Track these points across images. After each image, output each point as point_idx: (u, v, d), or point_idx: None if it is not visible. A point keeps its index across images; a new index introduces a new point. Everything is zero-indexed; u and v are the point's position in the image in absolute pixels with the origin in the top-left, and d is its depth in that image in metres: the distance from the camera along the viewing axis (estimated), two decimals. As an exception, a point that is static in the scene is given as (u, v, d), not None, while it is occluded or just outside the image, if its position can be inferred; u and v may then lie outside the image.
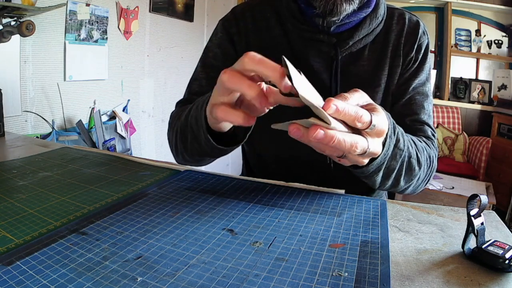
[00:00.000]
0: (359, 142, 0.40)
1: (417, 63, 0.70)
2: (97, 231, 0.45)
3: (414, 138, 0.62)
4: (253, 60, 0.40)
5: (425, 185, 0.68)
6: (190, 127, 0.58)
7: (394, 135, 0.50)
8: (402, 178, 0.58)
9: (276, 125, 0.41)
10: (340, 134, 0.38)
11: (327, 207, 0.54)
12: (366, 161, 0.46)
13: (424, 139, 0.67)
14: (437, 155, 0.68)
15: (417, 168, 0.59)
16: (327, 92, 0.69)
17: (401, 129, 0.54)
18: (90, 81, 1.73)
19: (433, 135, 0.70)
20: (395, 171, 0.55)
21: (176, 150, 0.69)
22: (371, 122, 0.40)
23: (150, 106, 2.22)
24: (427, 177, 0.65)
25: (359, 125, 0.40)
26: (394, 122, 0.52)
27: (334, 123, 0.38)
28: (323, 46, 0.68)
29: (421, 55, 0.70)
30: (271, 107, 0.44)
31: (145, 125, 2.19)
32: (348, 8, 0.61)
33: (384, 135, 0.44)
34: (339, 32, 0.67)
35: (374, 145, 0.43)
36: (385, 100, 0.71)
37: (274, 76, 0.39)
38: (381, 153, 0.47)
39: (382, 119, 0.42)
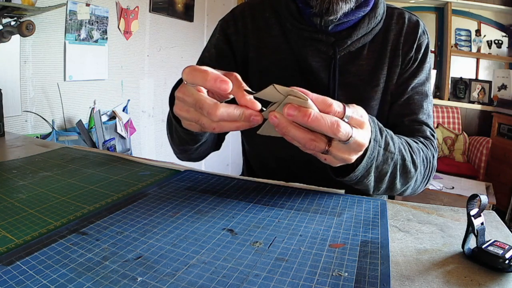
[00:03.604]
0: (341, 123, 0.39)
1: (416, 62, 0.70)
2: (97, 231, 0.45)
3: (409, 139, 0.62)
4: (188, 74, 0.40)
5: (425, 186, 0.67)
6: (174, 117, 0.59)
7: (382, 138, 0.50)
8: (397, 181, 0.57)
9: (261, 130, 0.42)
10: (317, 112, 0.37)
11: (327, 207, 0.54)
12: (353, 157, 0.44)
13: (422, 139, 0.67)
14: (436, 155, 0.68)
15: (413, 170, 0.58)
16: (325, 91, 0.69)
17: (390, 132, 0.54)
18: (90, 81, 1.73)
19: (432, 135, 0.70)
20: (388, 175, 0.54)
21: (170, 143, 0.71)
22: (344, 113, 0.40)
23: (150, 106, 2.22)
24: (426, 178, 0.65)
25: (331, 114, 0.39)
26: (382, 126, 0.51)
27: (310, 102, 0.37)
28: (321, 45, 0.68)
29: (420, 54, 0.70)
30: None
31: (145, 125, 2.19)
32: (345, 7, 0.61)
33: (367, 126, 0.43)
34: (338, 32, 0.68)
35: (359, 134, 0.41)
36: (384, 99, 0.71)
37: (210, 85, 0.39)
38: (366, 156, 0.47)
39: (358, 111, 0.42)
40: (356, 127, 0.41)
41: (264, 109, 0.41)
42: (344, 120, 0.40)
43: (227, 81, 0.38)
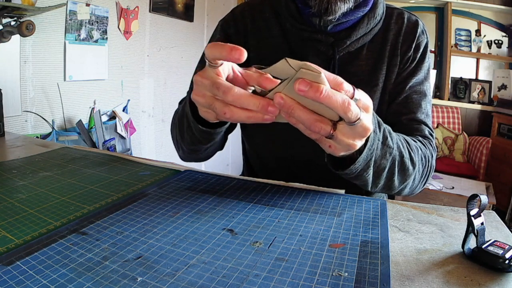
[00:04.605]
0: (351, 102, 0.38)
1: (415, 62, 0.70)
2: (97, 231, 0.45)
3: (408, 137, 0.62)
4: (210, 48, 0.40)
5: (423, 186, 0.67)
6: (186, 116, 0.58)
7: (380, 131, 0.50)
8: (395, 178, 0.57)
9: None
10: (329, 89, 0.37)
11: (327, 207, 0.54)
12: (357, 143, 0.43)
13: (421, 138, 0.67)
14: (434, 155, 0.68)
15: (411, 168, 0.58)
16: None
17: (388, 127, 0.53)
18: (90, 81, 1.73)
19: (431, 134, 0.69)
20: (386, 170, 0.54)
21: (176, 143, 0.70)
22: (353, 94, 0.39)
23: (150, 106, 2.22)
24: (424, 177, 0.65)
25: (342, 93, 0.38)
26: (380, 120, 0.51)
27: (323, 76, 0.37)
28: (321, 45, 0.68)
29: (419, 54, 0.70)
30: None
31: (145, 125, 2.19)
32: (343, 7, 0.61)
33: (371, 112, 0.43)
34: (337, 32, 0.68)
35: (365, 118, 0.41)
36: (383, 99, 0.71)
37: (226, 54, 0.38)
38: (366, 147, 0.47)
39: (365, 95, 0.41)
40: (362, 110, 0.41)
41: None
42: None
43: (242, 50, 0.38)
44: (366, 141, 0.46)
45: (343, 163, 0.50)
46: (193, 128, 0.57)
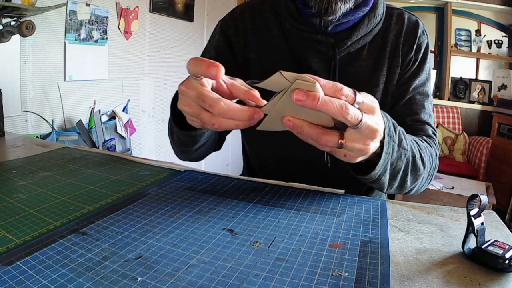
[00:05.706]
0: (349, 106, 0.38)
1: (416, 63, 0.70)
2: (97, 231, 0.45)
3: (416, 138, 0.62)
4: (191, 64, 0.40)
5: (428, 184, 0.68)
6: (174, 120, 0.59)
7: (396, 134, 0.50)
8: (408, 178, 0.58)
9: (262, 126, 0.42)
10: (325, 96, 0.37)
11: (327, 207, 0.54)
12: (370, 146, 0.43)
13: (425, 138, 0.67)
14: (438, 154, 0.69)
15: (421, 167, 0.59)
16: None
17: (402, 129, 0.54)
18: (90, 81, 1.73)
19: (434, 134, 0.70)
20: (401, 171, 0.55)
21: (171, 144, 0.71)
22: (355, 98, 0.39)
23: (150, 106, 2.22)
24: (430, 176, 0.66)
25: (343, 98, 0.38)
26: (395, 122, 0.51)
27: (318, 85, 0.37)
28: (321, 46, 0.68)
29: (420, 55, 0.70)
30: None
31: (145, 125, 2.19)
32: (343, 7, 0.61)
33: (378, 112, 0.43)
34: (337, 32, 0.67)
35: (370, 119, 0.41)
36: (384, 100, 0.71)
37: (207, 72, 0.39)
38: (383, 152, 0.47)
39: (368, 97, 0.41)
40: (367, 112, 0.41)
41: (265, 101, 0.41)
42: (355, 106, 0.39)
43: (218, 66, 0.38)
44: (382, 145, 0.46)
45: (362, 167, 0.50)
46: (177, 132, 0.58)
